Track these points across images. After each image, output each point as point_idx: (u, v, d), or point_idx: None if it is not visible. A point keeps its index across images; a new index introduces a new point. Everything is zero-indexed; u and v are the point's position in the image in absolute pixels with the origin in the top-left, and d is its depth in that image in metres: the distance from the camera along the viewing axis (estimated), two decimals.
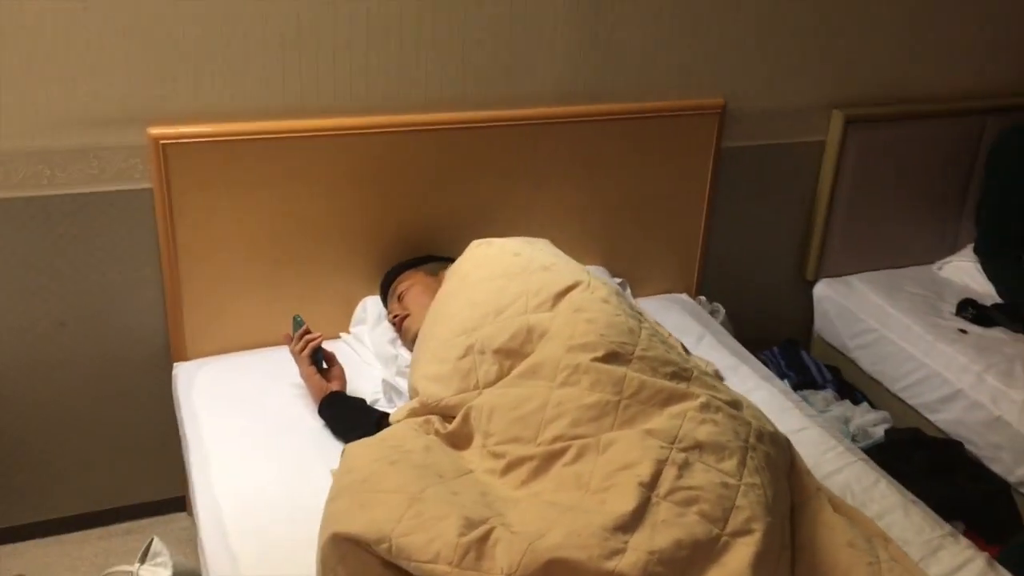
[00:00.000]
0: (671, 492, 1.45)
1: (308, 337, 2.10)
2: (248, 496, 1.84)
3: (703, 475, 1.49)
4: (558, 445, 1.57)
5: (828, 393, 2.76)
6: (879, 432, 2.56)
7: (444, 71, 2.30)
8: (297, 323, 2.13)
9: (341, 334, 2.40)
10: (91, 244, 2.17)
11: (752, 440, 1.62)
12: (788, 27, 2.61)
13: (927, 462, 2.41)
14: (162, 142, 2.09)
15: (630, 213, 2.61)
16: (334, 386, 2.08)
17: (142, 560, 2.02)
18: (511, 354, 1.79)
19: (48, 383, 2.27)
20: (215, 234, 2.22)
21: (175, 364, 2.30)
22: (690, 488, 1.46)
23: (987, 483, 2.40)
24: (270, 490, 1.86)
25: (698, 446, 1.54)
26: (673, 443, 1.54)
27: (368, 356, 2.31)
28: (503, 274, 1.93)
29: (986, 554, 1.83)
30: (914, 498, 1.98)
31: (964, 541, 1.86)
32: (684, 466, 1.49)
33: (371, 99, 2.26)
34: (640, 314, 1.96)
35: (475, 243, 2.09)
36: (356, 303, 2.42)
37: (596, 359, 1.67)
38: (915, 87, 2.85)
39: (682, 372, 1.73)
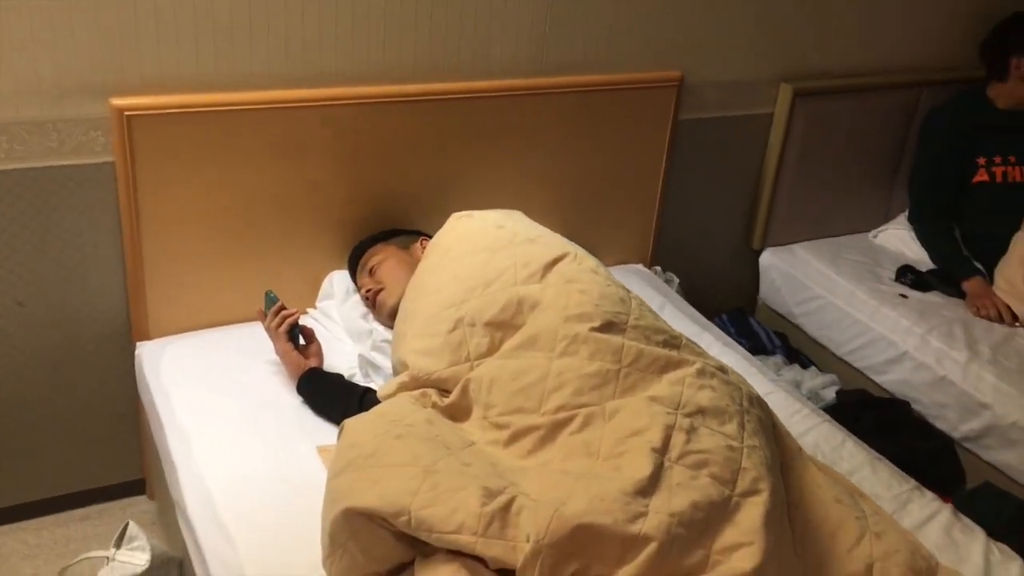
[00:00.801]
0: (682, 456, 1.49)
1: (285, 313, 2.06)
2: (237, 477, 1.81)
3: (709, 439, 1.53)
4: (563, 414, 1.60)
5: (778, 358, 2.86)
6: (830, 394, 2.66)
7: (411, 44, 2.28)
8: (270, 299, 2.09)
9: (308, 309, 2.37)
10: (50, 220, 2.08)
11: (745, 404, 1.67)
12: (742, 3, 2.67)
13: (876, 422, 2.52)
14: (126, 113, 2.01)
15: (590, 184, 2.64)
16: (312, 363, 2.05)
17: (118, 545, 1.96)
18: (502, 326, 1.80)
19: (2, 365, 2.18)
20: (180, 209, 2.15)
21: (138, 343, 2.24)
22: (699, 452, 1.50)
23: (933, 440, 2.53)
24: (257, 469, 1.83)
25: (701, 411, 1.59)
26: (677, 409, 1.58)
27: (338, 331, 2.29)
28: (488, 247, 1.93)
29: (950, 505, 1.95)
30: (878, 455, 2.08)
31: (929, 494, 1.96)
32: (691, 431, 1.54)
33: (339, 70, 2.22)
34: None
35: (455, 216, 2.08)
36: (322, 278, 2.38)
37: (593, 329, 1.69)
38: (857, 62, 2.96)
39: (672, 340, 1.77)
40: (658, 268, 2.85)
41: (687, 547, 1.38)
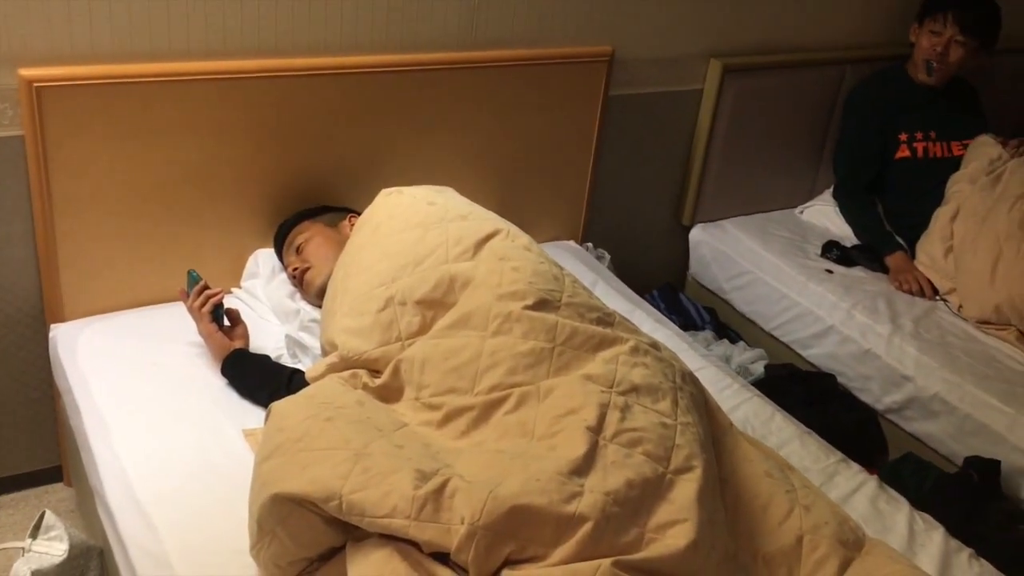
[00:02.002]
0: (616, 435, 1.48)
1: (208, 292, 2.00)
2: (159, 462, 1.75)
3: (643, 417, 1.53)
4: (496, 394, 1.58)
5: (707, 334, 2.88)
6: (759, 369, 2.69)
7: (337, 15, 2.21)
8: (193, 278, 2.02)
9: (232, 289, 2.30)
10: None
11: (679, 381, 1.68)
12: None
13: (804, 395, 2.55)
14: (36, 85, 1.91)
15: (521, 161, 2.62)
16: (237, 344, 1.99)
17: (34, 534, 1.88)
18: (433, 304, 1.77)
19: None
20: (94, 185, 2.06)
21: (52, 326, 2.14)
22: (633, 430, 1.49)
23: (858, 412, 2.58)
24: (180, 454, 1.78)
25: (635, 389, 1.58)
26: (612, 387, 1.57)
27: (264, 311, 2.23)
28: (419, 224, 1.89)
29: (875, 476, 1.99)
30: (807, 429, 2.11)
31: (855, 466, 2.00)
32: (625, 409, 1.53)
33: (262, 42, 2.15)
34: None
35: (384, 192, 2.04)
36: (246, 256, 2.32)
37: (527, 307, 1.67)
38: (785, 39, 2.97)
39: (606, 317, 1.76)
40: (589, 245, 2.84)
41: (622, 525, 1.37)
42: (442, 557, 1.37)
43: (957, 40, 2.88)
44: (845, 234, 3.08)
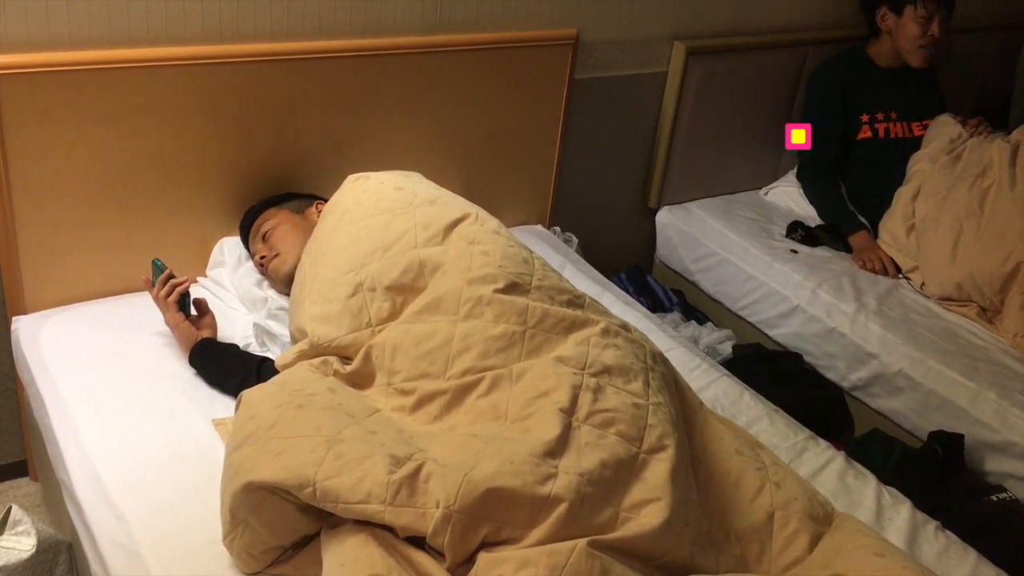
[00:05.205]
0: (589, 416, 1.49)
1: (174, 281, 1.97)
2: (127, 454, 1.73)
3: (615, 398, 1.54)
4: (469, 378, 1.58)
5: (675, 315, 2.89)
6: (727, 349, 2.71)
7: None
8: (158, 267, 2.00)
9: (198, 278, 2.28)
10: None
11: (649, 361, 1.68)
12: None
13: (771, 374, 2.58)
14: None
15: (487, 145, 2.61)
16: (205, 334, 1.97)
17: (0, 530, 1.85)
18: (403, 290, 1.77)
19: None
20: (55, 174, 2.03)
21: (13, 318, 2.11)
22: (606, 411, 1.50)
23: (824, 390, 2.61)
24: (148, 445, 1.76)
25: (606, 370, 1.59)
26: (584, 368, 1.57)
27: (231, 300, 2.21)
28: (387, 209, 1.88)
29: (842, 452, 2.01)
30: (775, 407, 2.14)
31: (823, 443, 2.03)
32: (597, 390, 1.54)
33: (223, 27, 2.12)
34: None
35: (351, 178, 2.02)
36: (212, 245, 2.29)
37: (497, 291, 1.67)
38: (747, 21, 2.99)
39: (576, 299, 1.77)
40: (557, 228, 2.85)
41: (597, 505, 1.38)
42: (418, 541, 1.38)
43: (942, 16, 2.92)
44: (809, 214, 3.11)
